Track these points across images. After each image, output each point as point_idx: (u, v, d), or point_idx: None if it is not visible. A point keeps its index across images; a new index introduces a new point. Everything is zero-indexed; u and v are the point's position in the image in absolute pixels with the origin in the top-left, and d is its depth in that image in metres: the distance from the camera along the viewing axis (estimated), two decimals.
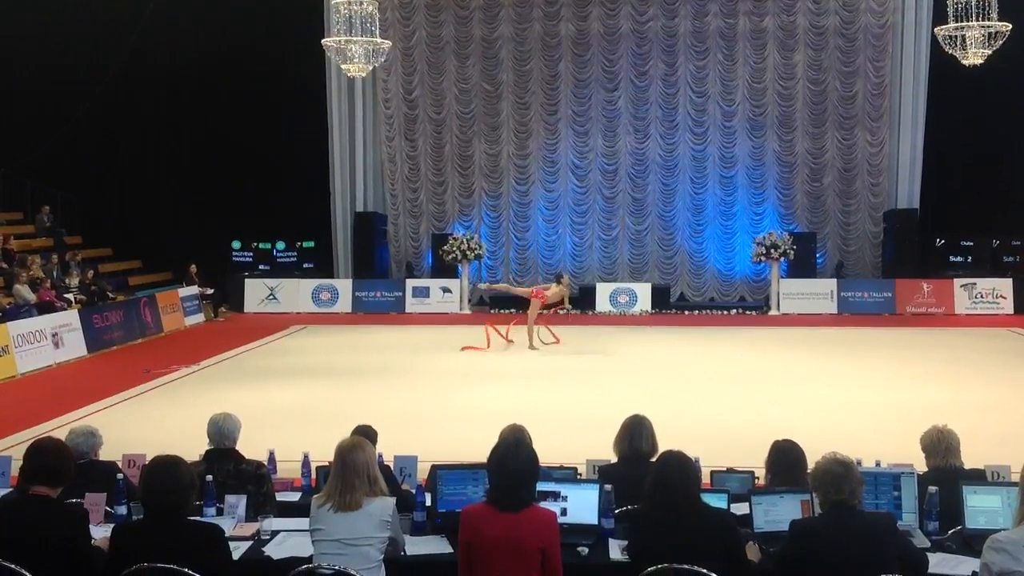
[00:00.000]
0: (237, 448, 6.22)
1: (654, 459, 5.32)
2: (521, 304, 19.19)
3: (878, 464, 6.09)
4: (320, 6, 22.57)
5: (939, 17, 18.87)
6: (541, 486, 5.13)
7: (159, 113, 24.17)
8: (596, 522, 5.27)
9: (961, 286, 21.70)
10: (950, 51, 17.47)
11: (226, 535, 4.83)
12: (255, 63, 22.94)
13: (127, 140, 24.17)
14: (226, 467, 6.00)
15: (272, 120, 23.02)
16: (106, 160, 24.04)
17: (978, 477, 5.81)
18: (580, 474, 6.38)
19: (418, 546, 5.14)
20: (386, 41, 18.43)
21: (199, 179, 23.74)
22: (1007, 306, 21.39)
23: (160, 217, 24.20)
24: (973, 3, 16.62)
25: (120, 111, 23.63)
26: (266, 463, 6.35)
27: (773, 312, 21.77)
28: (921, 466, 5.84)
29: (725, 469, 6.44)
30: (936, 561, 4.82)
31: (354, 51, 17.73)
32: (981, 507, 5.23)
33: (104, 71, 23.05)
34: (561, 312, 17.97)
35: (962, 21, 16.90)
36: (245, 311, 22.77)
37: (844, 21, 22.94)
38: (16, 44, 23.41)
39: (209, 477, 5.72)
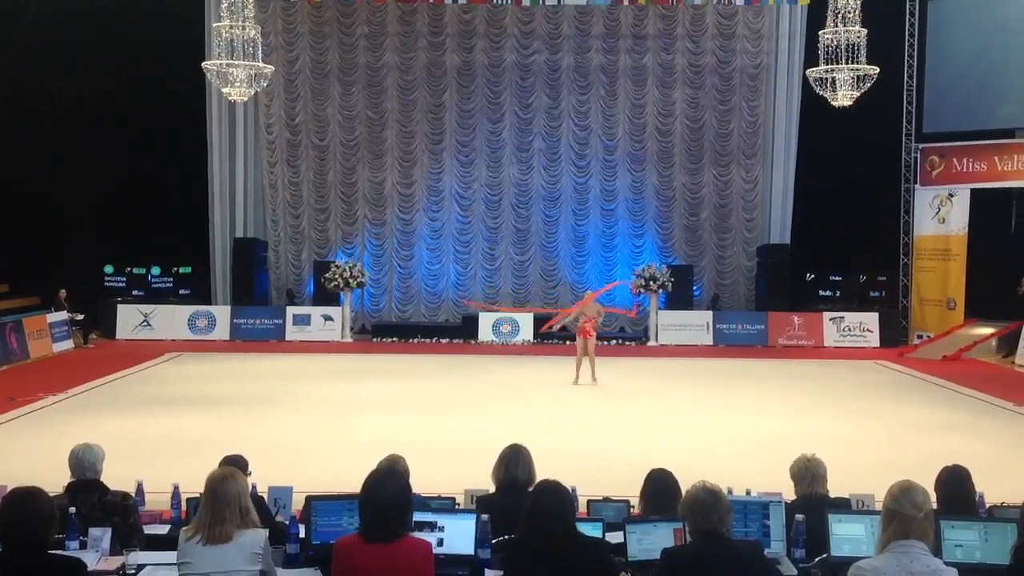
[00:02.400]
0: (102, 479, 6.03)
1: (531, 488, 5.35)
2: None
3: (748, 493, 6.24)
4: (201, 29, 22.20)
5: (810, 59, 19.60)
6: (418, 516, 5.11)
7: (29, 133, 23.31)
8: (472, 552, 5.26)
9: (830, 319, 22.47)
10: (820, 92, 18.16)
11: (89, 569, 4.65)
12: (133, 84, 22.35)
13: None
14: (90, 499, 5.81)
15: (149, 143, 22.42)
16: None
17: (843, 505, 6.00)
18: (458, 504, 6.38)
19: None
20: (269, 66, 18.23)
21: (70, 201, 22.92)
22: (873, 339, 22.22)
23: (28, 240, 23.29)
24: (843, 47, 17.32)
25: None
26: (134, 494, 6.16)
27: (651, 343, 22.15)
28: (791, 494, 6.01)
29: (601, 498, 6.51)
30: None
31: (236, 75, 17.48)
32: (846, 535, 5.39)
33: None
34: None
35: (832, 64, 17.60)
36: (117, 338, 22.08)
37: (720, 61, 23.65)
38: None
39: (72, 509, 5.52)
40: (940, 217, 22.88)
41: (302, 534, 5.41)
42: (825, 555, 5.34)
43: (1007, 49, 21.80)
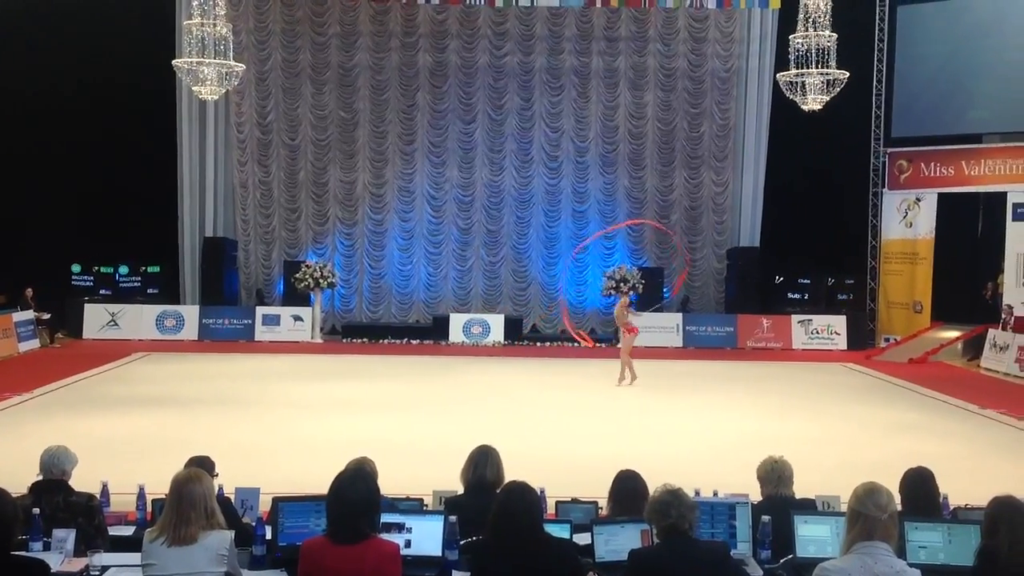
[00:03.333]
0: (68, 480, 5.98)
1: (499, 490, 5.34)
2: None
3: (715, 494, 6.27)
4: (172, 26, 22.05)
5: (781, 64, 19.75)
6: (386, 517, 5.10)
7: None
8: (440, 553, 5.25)
9: (798, 322, 22.62)
10: (791, 96, 18.30)
11: (53, 571, 4.61)
12: (103, 81, 22.14)
13: None
14: (55, 499, 5.76)
15: (118, 140, 22.25)
16: None
17: (809, 507, 6.02)
18: (427, 505, 6.36)
19: None
20: (240, 64, 18.13)
21: (38, 199, 22.69)
22: (841, 342, 22.39)
23: None
24: (813, 51, 17.47)
25: None
26: (98, 495, 6.11)
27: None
28: (757, 496, 6.04)
29: (570, 499, 6.51)
30: None
31: (206, 73, 17.38)
32: (811, 536, 5.41)
33: None
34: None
35: (802, 68, 17.73)
36: (84, 337, 21.88)
37: (692, 64, 23.76)
38: None
39: (36, 510, 5.46)
40: (908, 221, 23.09)
41: (269, 535, 5.38)
42: (791, 556, 5.37)
43: (975, 55, 22.04)
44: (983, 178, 22.20)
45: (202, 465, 5.69)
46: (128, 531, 6.02)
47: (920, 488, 5.77)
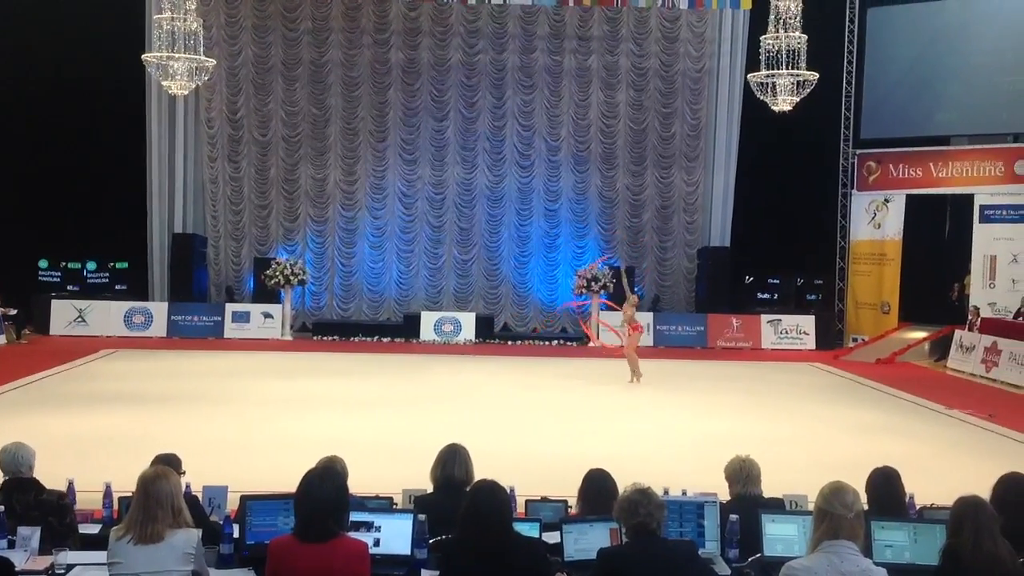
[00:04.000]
0: (36, 478, 5.92)
1: (468, 488, 5.34)
2: None
3: (684, 493, 6.29)
4: (142, 20, 21.86)
5: (751, 64, 19.86)
6: (354, 516, 5.08)
7: None
8: (409, 552, 5.24)
9: (768, 322, 22.76)
10: (761, 97, 18.39)
11: (17, 569, 4.57)
12: (71, 75, 21.91)
13: None
14: (26, 498, 5.70)
15: (87, 135, 22.06)
16: None
17: (776, 506, 6.07)
18: (396, 504, 6.35)
19: None
20: (210, 59, 18.00)
21: (4, 194, 22.46)
22: (809, 342, 22.55)
23: None
24: (783, 52, 17.56)
25: None
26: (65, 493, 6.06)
27: (593, 344, 22.25)
28: (726, 495, 6.07)
29: (540, 498, 6.52)
30: None
31: (176, 68, 17.24)
32: (779, 535, 5.43)
33: None
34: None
35: (773, 69, 17.83)
36: (51, 333, 21.68)
37: (664, 64, 23.84)
38: None
39: (1, 508, 5.41)
40: (876, 222, 23.29)
41: (236, 534, 5.35)
42: (758, 555, 5.40)
43: (944, 57, 22.27)
44: (951, 180, 22.43)
45: (169, 463, 5.65)
46: (94, 529, 5.97)
47: (886, 487, 5.82)
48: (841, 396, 16.39)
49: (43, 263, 22.93)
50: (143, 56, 18.01)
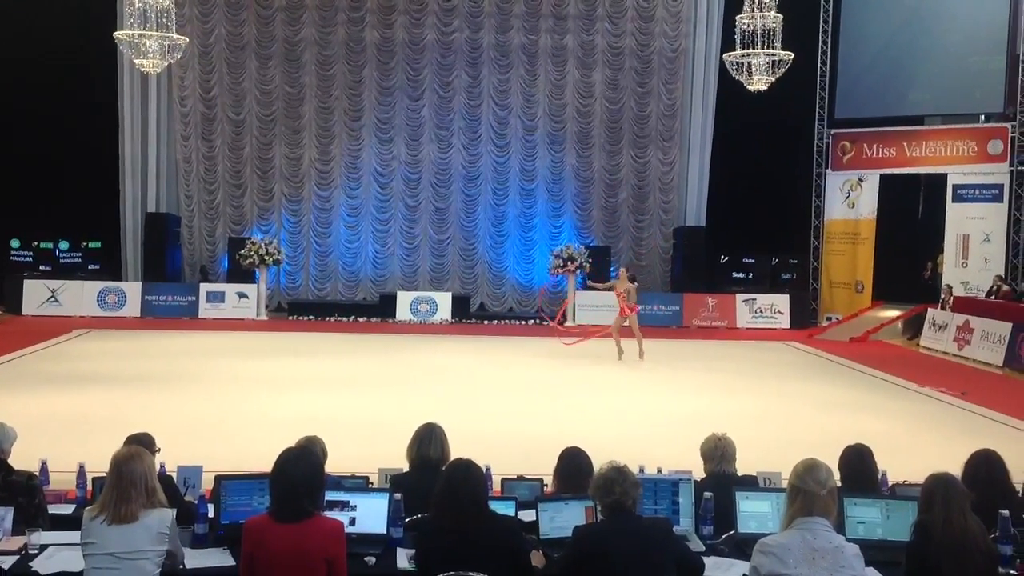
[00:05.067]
0: (8, 459, 5.87)
1: (444, 467, 5.35)
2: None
3: (659, 471, 6.32)
4: None
5: (727, 44, 19.86)
6: (330, 495, 5.09)
7: None
8: (385, 531, 5.25)
9: (743, 301, 22.86)
10: (737, 76, 18.42)
11: None
12: (41, 53, 21.67)
13: None
14: None
15: (58, 113, 21.82)
16: None
17: (750, 483, 6.11)
18: (372, 483, 6.35)
19: (198, 559, 4.97)
20: (183, 37, 17.81)
21: None
22: (784, 321, 22.67)
23: None
24: (759, 33, 17.58)
25: None
26: (37, 473, 6.02)
27: (569, 323, 22.27)
28: (701, 472, 6.11)
29: (515, 477, 6.53)
30: (710, 564, 5.01)
31: (148, 46, 17.07)
32: (752, 512, 5.48)
33: None
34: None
35: (748, 49, 17.85)
36: (23, 313, 21.50)
37: (639, 44, 23.80)
38: None
39: None
40: (850, 202, 23.42)
41: (211, 514, 5.34)
42: (732, 532, 5.44)
43: (917, 37, 22.36)
44: (924, 159, 22.57)
45: (141, 442, 5.61)
46: (68, 509, 5.94)
47: (859, 464, 5.87)
48: (815, 374, 16.51)
49: (15, 243, 22.71)
50: (115, 34, 17.85)
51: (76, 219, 22.53)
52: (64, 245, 22.94)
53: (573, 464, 5.79)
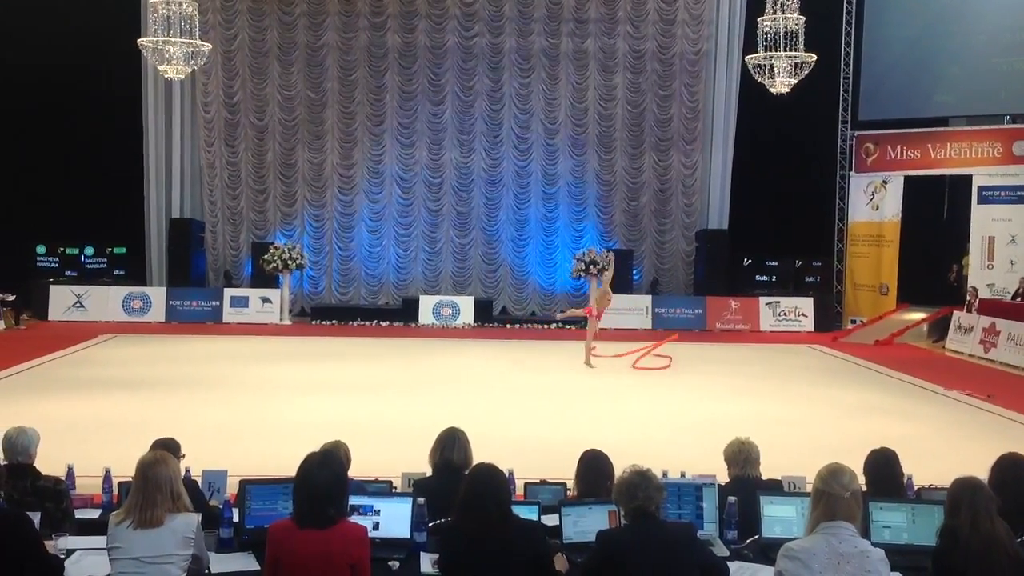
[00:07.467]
0: (35, 464, 5.92)
1: (467, 472, 5.35)
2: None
3: (683, 475, 6.31)
4: (137, 5, 21.76)
5: (749, 46, 19.79)
6: (354, 500, 5.11)
7: None
8: (408, 536, 5.26)
9: (766, 304, 22.75)
10: (759, 79, 18.34)
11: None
12: (67, 60, 21.83)
13: None
14: (22, 484, 5.70)
15: (84, 120, 22.00)
16: None
17: (775, 487, 6.08)
18: (395, 487, 6.36)
19: (224, 563, 5.00)
20: (206, 44, 17.93)
21: (1, 179, 22.43)
22: (808, 324, 22.56)
23: None
24: (781, 35, 17.49)
25: None
26: (64, 478, 6.06)
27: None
28: (724, 477, 6.09)
29: (539, 481, 6.53)
30: (734, 569, 5.00)
31: (172, 52, 17.19)
32: (777, 516, 5.46)
33: None
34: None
35: (771, 51, 17.77)
36: (49, 319, 21.67)
37: (661, 47, 23.75)
38: None
39: (1, 494, 5.42)
40: (874, 204, 23.27)
41: (236, 518, 5.37)
42: (757, 536, 5.42)
43: (942, 38, 22.20)
44: (949, 161, 22.40)
45: (167, 447, 5.66)
46: (94, 514, 5.98)
47: (884, 469, 5.83)
48: (839, 378, 16.40)
49: (41, 249, 22.91)
50: (139, 40, 17.96)
51: (101, 225, 22.70)
52: (89, 251, 23.13)
53: (593, 466, 5.80)
